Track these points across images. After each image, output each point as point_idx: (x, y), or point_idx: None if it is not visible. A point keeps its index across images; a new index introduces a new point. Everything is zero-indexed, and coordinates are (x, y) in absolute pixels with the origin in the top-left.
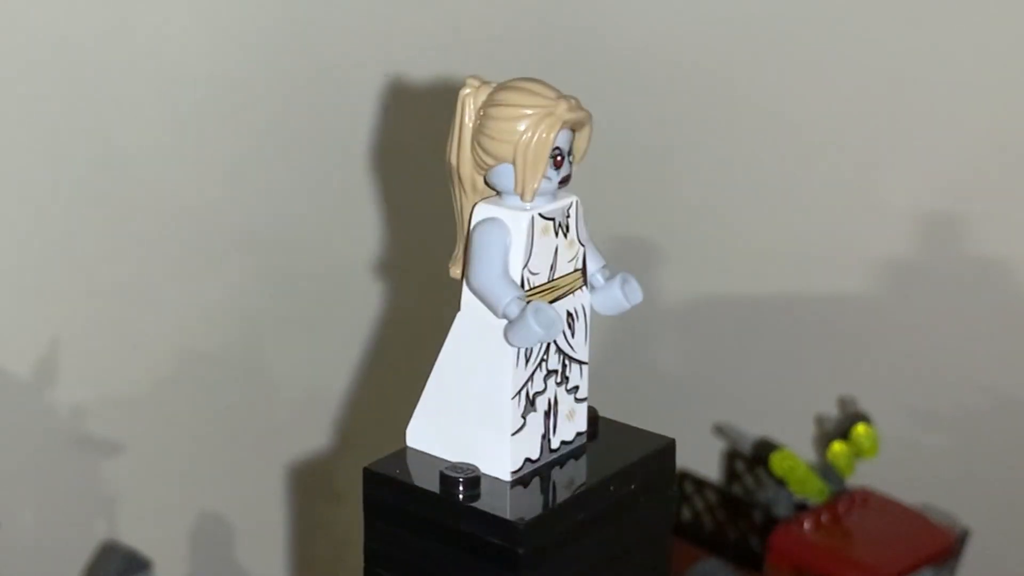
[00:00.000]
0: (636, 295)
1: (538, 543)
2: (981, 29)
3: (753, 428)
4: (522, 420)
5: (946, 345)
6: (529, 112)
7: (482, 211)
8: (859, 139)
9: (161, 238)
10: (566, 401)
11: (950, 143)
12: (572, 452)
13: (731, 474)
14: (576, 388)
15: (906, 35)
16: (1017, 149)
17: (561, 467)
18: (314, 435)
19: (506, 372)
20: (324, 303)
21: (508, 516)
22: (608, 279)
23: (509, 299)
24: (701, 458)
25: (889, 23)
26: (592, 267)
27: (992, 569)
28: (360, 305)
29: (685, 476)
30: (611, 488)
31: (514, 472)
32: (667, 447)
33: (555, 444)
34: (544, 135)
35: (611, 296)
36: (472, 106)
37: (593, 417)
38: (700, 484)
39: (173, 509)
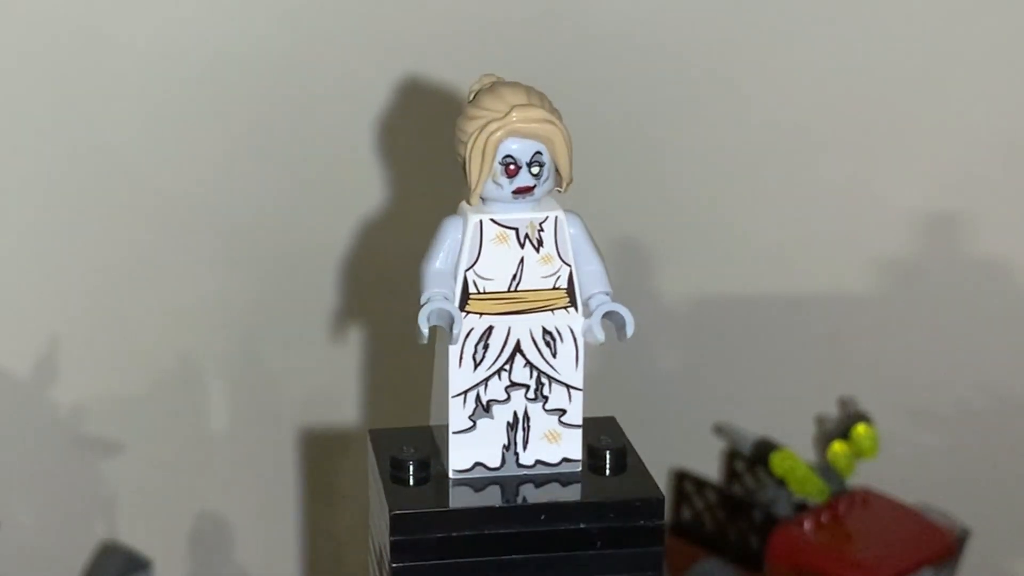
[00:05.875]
0: (628, 327)
1: (409, 536)
2: (982, 28)
3: (753, 428)
4: (470, 422)
5: (946, 345)
6: (483, 115)
7: (460, 208)
8: (859, 139)
9: (161, 237)
10: (545, 420)
11: (950, 143)
12: (551, 475)
13: (731, 474)
14: (562, 411)
15: (907, 34)
16: (1017, 149)
17: (519, 484)
18: (314, 435)
19: (448, 369)
20: (325, 302)
21: (387, 503)
22: (596, 308)
23: (429, 293)
24: (701, 458)
25: (889, 22)
26: (588, 291)
27: (992, 569)
28: (362, 304)
29: (685, 476)
30: (542, 517)
31: (458, 470)
32: (654, 500)
33: (526, 460)
34: (486, 140)
35: (586, 326)
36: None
37: (622, 451)
38: (700, 484)
39: (173, 509)
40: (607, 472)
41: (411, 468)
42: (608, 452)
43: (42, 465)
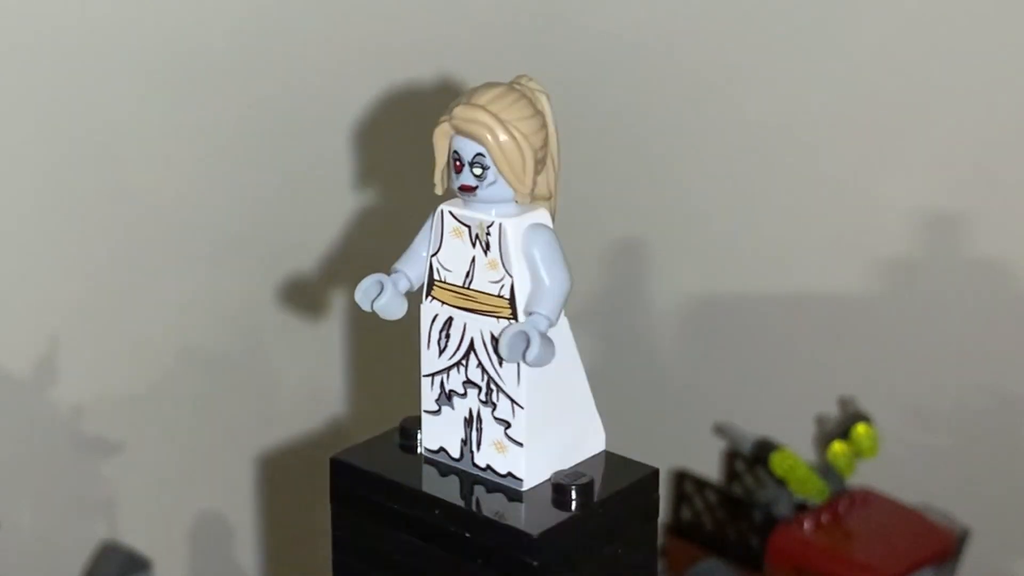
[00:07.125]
0: (529, 353)
1: (342, 484)
2: (981, 28)
3: (753, 428)
4: (436, 406)
5: (946, 345)
6: (448, 109)
7: None
8: (859, 139)
9: (161, 237)
10: (493, 429)
11: (950, 143)
12: (495, 484)
13: (731, 474)
14: (506, 424)
15: (906, 33)
16: (1018, 149)
17: (464, 479)
18: (314, 435)
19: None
20: (324, 301)
21: (340, 453)
22: (509, 325)
23: (391, 268)
24: (701, 458)
25: (889, 22)
26: (530, 307)
27: (992, 569)
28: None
29: (685, 476)
30: (436, 512)
31: (429, 450)
32: (526, 539)
33: (479, 462)
34: (436, 134)
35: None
36: None
37: (588, 488)
38: (700, 484)
39: (173, 509)
40: (572, 507)
41: (417, 437)
42: (573, 487)
43: (42, 465)
